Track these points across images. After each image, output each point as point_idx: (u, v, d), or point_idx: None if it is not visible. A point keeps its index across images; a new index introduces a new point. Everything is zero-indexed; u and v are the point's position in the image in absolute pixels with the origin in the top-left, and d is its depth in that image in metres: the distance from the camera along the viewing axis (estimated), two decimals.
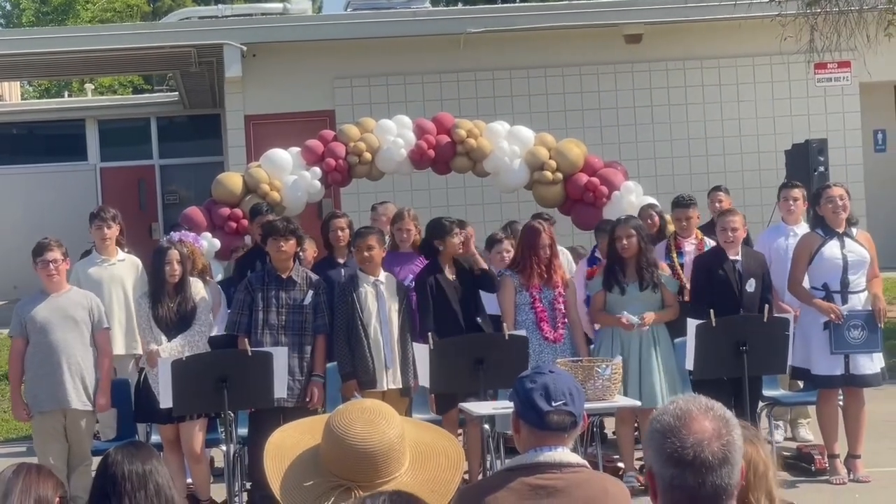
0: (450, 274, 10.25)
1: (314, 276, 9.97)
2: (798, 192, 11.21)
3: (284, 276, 9.70)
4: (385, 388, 9.67)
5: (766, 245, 10.91)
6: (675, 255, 11.03)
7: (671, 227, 11.56)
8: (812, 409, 10.80)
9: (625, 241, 9.83)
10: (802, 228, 10.94)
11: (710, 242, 11.10)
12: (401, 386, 9.77)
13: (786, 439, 11.39)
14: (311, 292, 9.74)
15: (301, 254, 10.50)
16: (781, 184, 11.68)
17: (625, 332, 9.80)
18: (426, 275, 10.30)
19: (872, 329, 9.85)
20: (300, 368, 9.60)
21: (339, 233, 11.14)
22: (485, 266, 10.31)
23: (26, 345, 9.34)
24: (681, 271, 10.78)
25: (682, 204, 11.26)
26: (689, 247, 11.09)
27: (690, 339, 9.48)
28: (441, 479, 3.42)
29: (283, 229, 9.73)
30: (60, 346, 9.25)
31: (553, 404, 3.98)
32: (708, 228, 11.25)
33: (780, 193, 11.40)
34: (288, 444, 3.46)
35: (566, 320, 9.97)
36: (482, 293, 10.30)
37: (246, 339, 9.39)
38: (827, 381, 9.94)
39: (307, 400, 9.59)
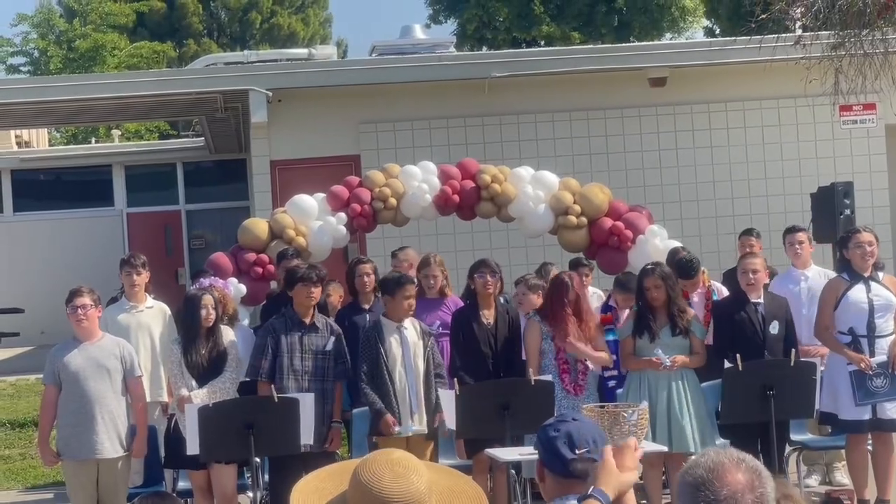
0: (487, 317, 10.29)
1: (333, 324, 10.03)
2: (803, 236, 11.23)
3: (307, 321, 9.73)
4: (410, 433, 9.68)
5: (779, 292, 10.84)
6: None
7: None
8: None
9: (654, 293, 9.83)
10: (813, 271, 10.97)
11: (717, 287, 11.06)
12: (426, 431, 9.77)
13: (821, 483, 11.31)
14: (332, 339, 9.78)
15: (325, 299, 10.55)
16: (785, 229, 11.64)
17: (653, 376, 9.78)
18: (461, 316, 10.38)
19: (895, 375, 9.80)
20: (322, 415, 9.61)
21: (365, 278, 11.18)
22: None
23: (59, 392, 9.37)
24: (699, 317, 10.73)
25: (688, 276, 10.90)
26: (696, 297, 11.03)
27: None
28: None
29: (317, 277, 9.79)
30: (93, 396, 9.28)
31: (577, 452, 3.97)
32: (734, 274, 11.17)
33: (784, 238, 11.38)
34: (312, 492, 3.46)
35: (588, 373, 10.01)
36: None
37: (272, 385, 9.40)
38: (855, 426, 9.89)
39: (326, 446, 9.62)
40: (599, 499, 3.60)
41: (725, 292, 11.13)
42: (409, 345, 9.82)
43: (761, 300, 10.06)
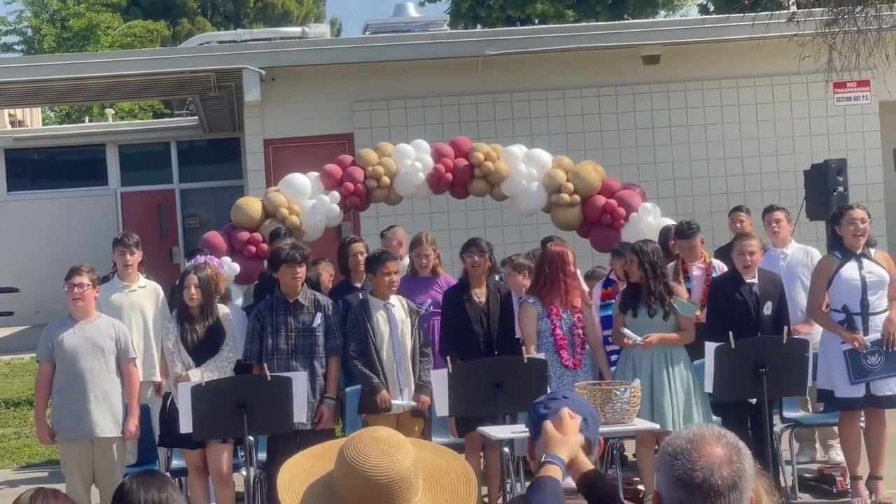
0: (479, 296, 10.30)
1: (322, 298, 10.01)
2: (780, 214, 11.27)
3: (291, 300, 9.74)
4: (403, 410, 9.70)
5: None
6: (682, 279, 10.98)
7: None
8: None
9: (630, 268, 9.87)
10: (792, 248, 11.03)
11: (718, 265, 11.08)
12: (415, 405, 9.80)
13: (817, 460, 11.35)
14: (319, 315, 9.77)
15: (317, 278, 10.55)
16: (763, 209, 11.64)
17: (637, 354, 9.79)
18: (452, 294, 10.38)
19: (889, 352, 9.81)
20: (313, 391, 9.63)
21: (359, 257, 11.19)
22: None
23: (53, 369, 9.38)
24: (688, 295, 10.73)
25: (684, 235, 11.06)
26: (697, 271, 11.04)
27: (709, 362, 9.45)
28: (457, 497, 3.43)
29: (301, 257, 9.79)
30: (87, 376, 9.28)
31: None
32: (727, 250, 11.19)
33: (763, 218, 11.40)
34: (299, 474, 3.46)
35: (585, 346, 9.97)
36: None
37: (265, 366, 9.40)
38: (849, 403, 9.90)
39: (317, 422, 9.63)
40: (556, 462, 3.68)
41: (725, 269, 11.12)
42: (396, 322, 9.84)
43: (756, 280, 10.06)
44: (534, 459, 4.12)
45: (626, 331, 9.72)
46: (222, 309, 9.84)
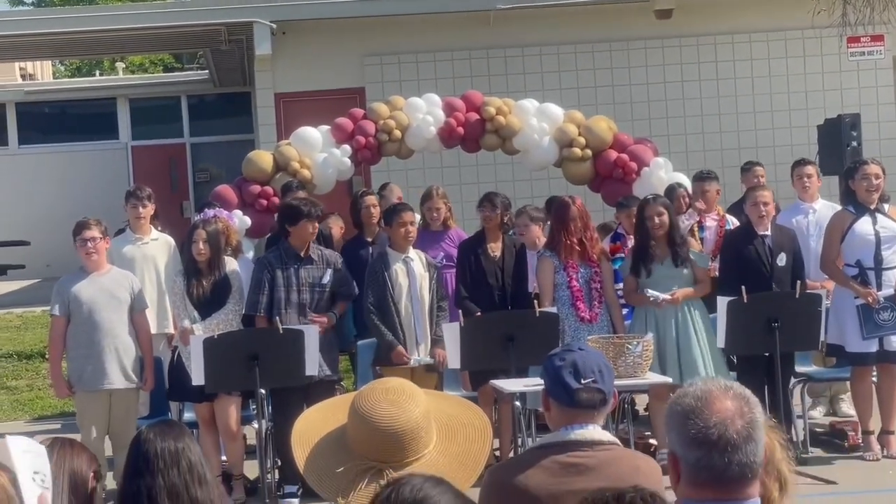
0: (494, 250, 10.27)
1: (329, 253, 9.98)
2: (812, 169, 11.19)
3: (303, 254, 9.71)
4: (420, 364, 9.71)
5: (785, 223, 10.83)
6: (696, 230, 10.99)
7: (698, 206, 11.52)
8: None
9: (656, 220, 9.80)
10: (820, 204, 10.94)
11: (731, 219, 11.07)
12: (432, 361, 9.80)
13: (827, 415, 11.37)
14: (329, 270, 9.74)
15: (329, 232, 10.55)
16: (794, 162, 11.61)
17: (659, 310, 9.77)
18: (467, 247, 10.36)
19: None
20: (327, 343, 9.63)
21: (372, 209, 11.18)
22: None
23: (67, 323, 9.39)
24: (701, 247, 10.75)
25: (700, 177, 11.32)
26: (711, 222, 11.07)
27: (721, 316, 9.45)
28: (470, 451, 3.43)
29: (321, 213, 9.79)
30: (105, 327, 9.30)
31: (582, 382, 3.98)
32: (739, 206, 11.17)
33: (793, 171, 11.35)
34: (312, 428, 3.46)
35: (602, 300, 9.96)
36: None
37: (277, 318, 9.39)
38: (861, 358, 9.90)
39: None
40: None
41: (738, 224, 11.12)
42: (415, 276, 9.83)
43: (769, 232, 10.03)
44: (548, 411, 4.13)
45: (651, 291, 9.70)
46: (230, 263, 9.83)
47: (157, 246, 10.87)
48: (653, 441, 10.03)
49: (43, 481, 2.89)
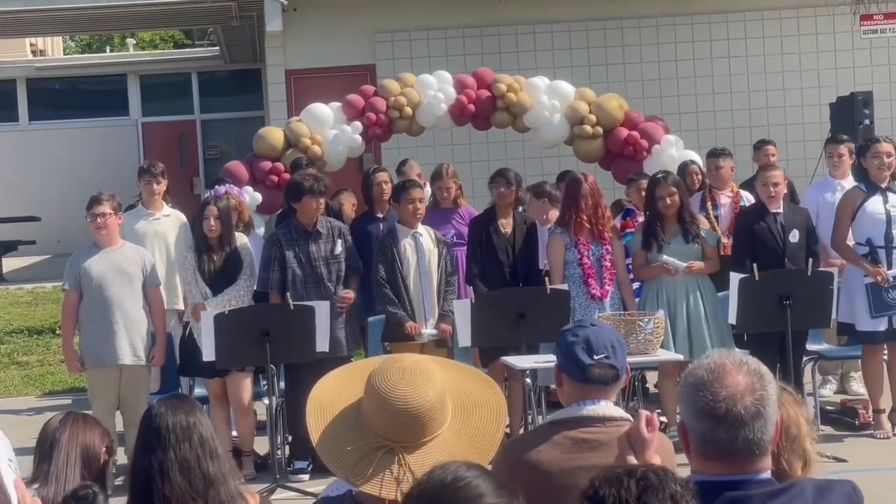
0: (505, 226, 10.25)
1: (337, 223, 9.98)
2: (844, 148, 11.07)
3: (311, 229, 9.71)
4: (429, 339, 9.71)
5: (814, 199, 10.82)
6: (710, 207, 10.98)
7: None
8: None
9: (668, 200, 9.79)
10: (850, 182, 10.85)
11: (745, 196, 11.05)
12: (439, 335, 9.81)
13: (837, 392, 11.37)
14: (340, 241, 9.75)
15: (339, 208, 10.53)
16: (827, 138, 11.58)
17: (670, 286, 9.76)
18: (479, 224, 10.34)
19: None
20: (342, 317, 9.65)
21: (383, 186, 11.18)
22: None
23: (79, 298, 9.40)
24: (716, 224, 10.74)
25: (714, 153, 11.32)
26: (725, 199, 11.07)
27: (733, 294, 9.43)
28: (484, 432, 3.41)
29: (325, 188, 9.78)
30: (116, 302, 9.32)
31: (595, 358, 3.98)
32: (750, 184, 11.16)
33: (826, 148, 11.30)
34: (328, 398, 3.45)
35: (613, 277, 9.94)
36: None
37: (288, 294, 9.40)
38: (871, 336, 9.89)
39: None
40: None
41: (753, 201, 11.09)
42: (424, 251, 9.83)
43: (781, 210, 10.00)
44: (560, 387, 4.13)
45: (669, 258, 9.69)
46: (241, 239, 9.84)
47: (168, 222, 10.88)
48: (663, 419, 10.02)
49: (16, 468, 2.86)
